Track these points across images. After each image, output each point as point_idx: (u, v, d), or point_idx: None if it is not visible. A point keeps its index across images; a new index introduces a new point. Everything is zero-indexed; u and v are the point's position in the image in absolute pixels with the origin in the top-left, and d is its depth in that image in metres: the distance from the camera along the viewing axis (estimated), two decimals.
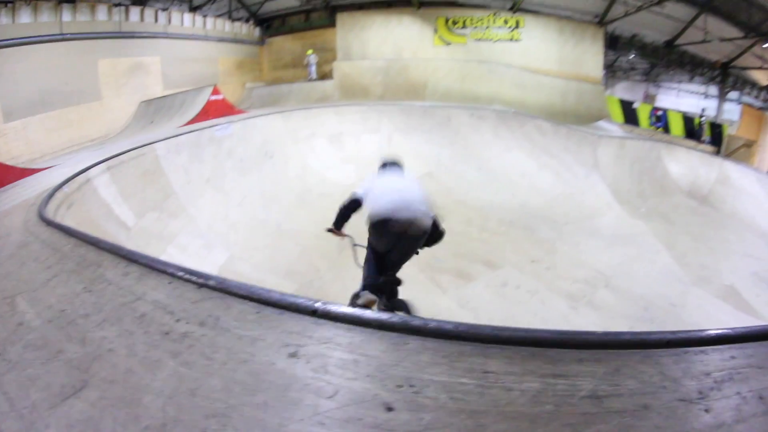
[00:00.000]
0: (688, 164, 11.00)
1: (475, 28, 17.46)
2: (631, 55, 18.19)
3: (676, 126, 14.97)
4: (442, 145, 11.60)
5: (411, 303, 3.97)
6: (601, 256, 7.01)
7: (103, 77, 14.78)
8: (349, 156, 12.13)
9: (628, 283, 6.17)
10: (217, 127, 10.42)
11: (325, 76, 19.79)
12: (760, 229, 8.51)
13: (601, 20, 15.83)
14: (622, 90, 23.08)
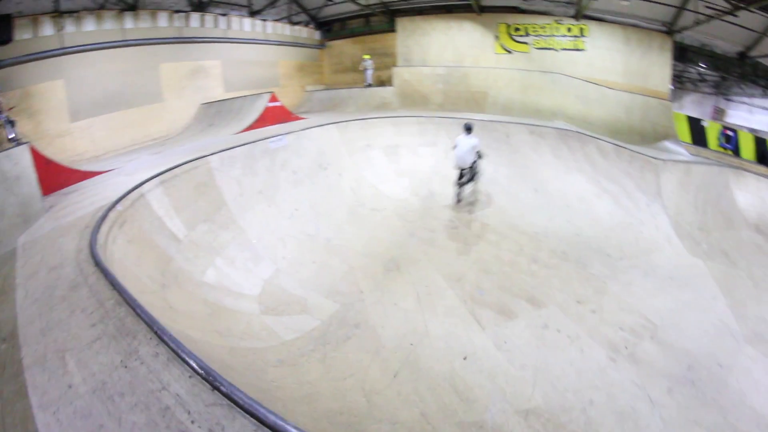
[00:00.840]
0: (757, 194, 10.32)
1: (538, 35, 16.99)
2: (701, 67, 17.19)
3: (747, 148, 13.91)
4: (499, 163, 11.43)
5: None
6: (653, 300, 6.69)
7: (165, 80, 15.69)
8: (404, 169, 12.19)
9: (676, 335, 5.87)
10: (272, 139, 10.63)
11: (384, 82, 19.92)
12: None
13: (670, 29, 15.01)
14: (691, 103, 21.96)
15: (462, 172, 10.12)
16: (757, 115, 19.23)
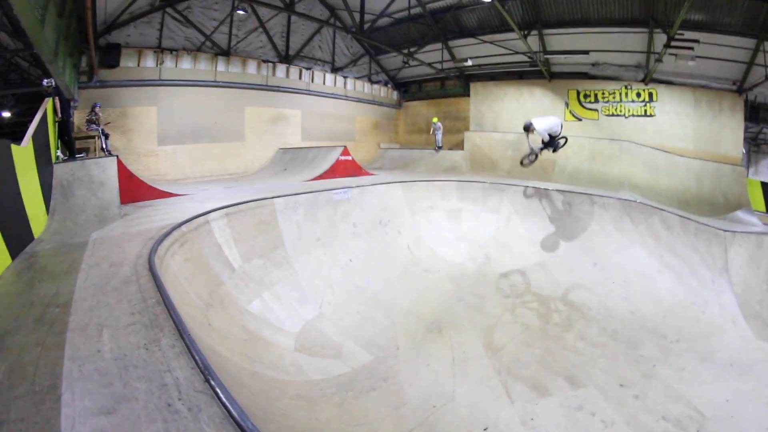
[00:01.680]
0: None
1: (607, 102, 16.94)
2: None
3: None
4: (559, 234, 11.31)
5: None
6: (707, 388, 6.18)
7: (248, 122, 17.22)
8: (464, 234, 12.30)
9: (728, 431, 5.48)
10: (337, 191, 11.12)
11: (453, 147, 20.40)
12: None
13: (740, 87, 14.43)
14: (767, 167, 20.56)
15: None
16: None
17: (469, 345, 7.32)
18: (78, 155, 10.43)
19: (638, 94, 16.30)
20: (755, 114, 15.20)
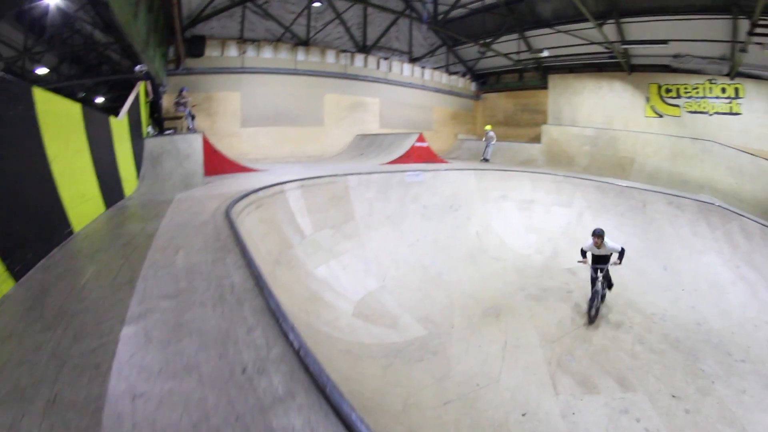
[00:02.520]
0: None
1: (690, 97, 15.94)
2: None
3: None
4: (631, 233, 10.94)
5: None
6: (765, 415, 5.76)
7: (328, 108, 18.14)
8: (534, 225, 12.35)
9: None
10: (409, 173, 11.50)
11: (530, 140, 20.33)
12: None
13: None
14: None
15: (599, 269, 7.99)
16: None
17: (524, 333, 7.41)
18: (167, 132, 11.57)
19: (723, 90, 15.19)
20: None
